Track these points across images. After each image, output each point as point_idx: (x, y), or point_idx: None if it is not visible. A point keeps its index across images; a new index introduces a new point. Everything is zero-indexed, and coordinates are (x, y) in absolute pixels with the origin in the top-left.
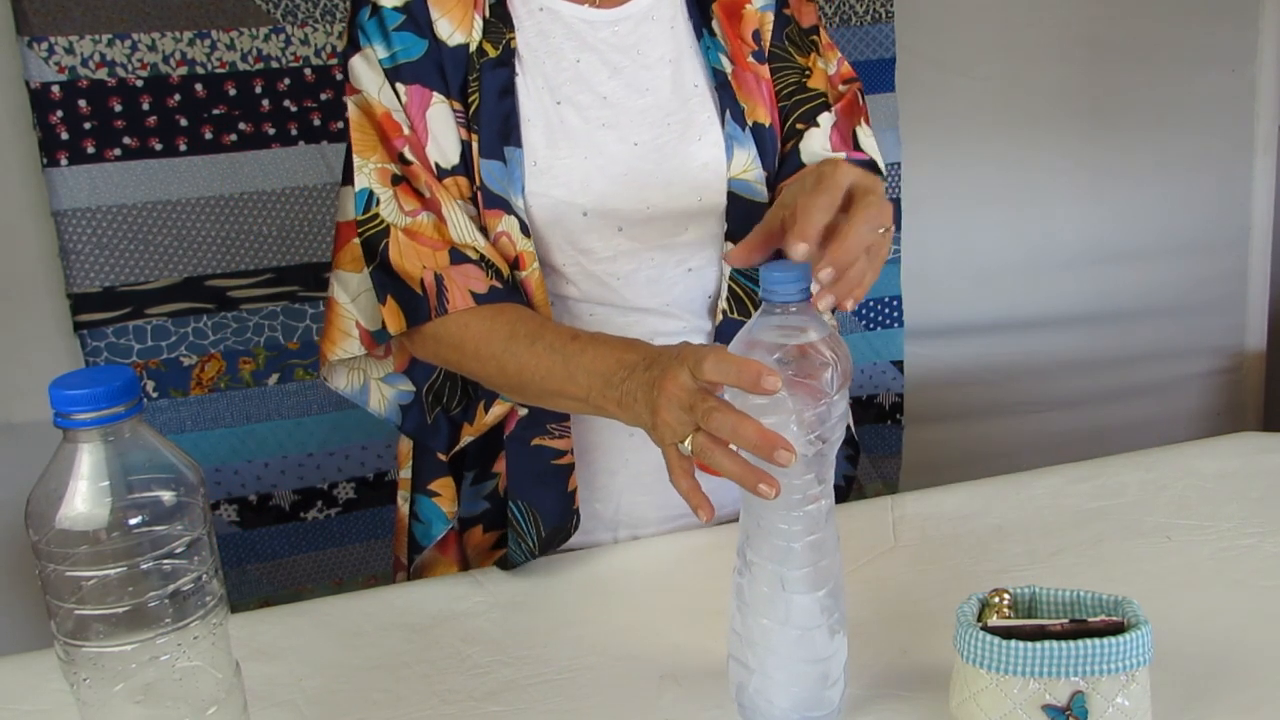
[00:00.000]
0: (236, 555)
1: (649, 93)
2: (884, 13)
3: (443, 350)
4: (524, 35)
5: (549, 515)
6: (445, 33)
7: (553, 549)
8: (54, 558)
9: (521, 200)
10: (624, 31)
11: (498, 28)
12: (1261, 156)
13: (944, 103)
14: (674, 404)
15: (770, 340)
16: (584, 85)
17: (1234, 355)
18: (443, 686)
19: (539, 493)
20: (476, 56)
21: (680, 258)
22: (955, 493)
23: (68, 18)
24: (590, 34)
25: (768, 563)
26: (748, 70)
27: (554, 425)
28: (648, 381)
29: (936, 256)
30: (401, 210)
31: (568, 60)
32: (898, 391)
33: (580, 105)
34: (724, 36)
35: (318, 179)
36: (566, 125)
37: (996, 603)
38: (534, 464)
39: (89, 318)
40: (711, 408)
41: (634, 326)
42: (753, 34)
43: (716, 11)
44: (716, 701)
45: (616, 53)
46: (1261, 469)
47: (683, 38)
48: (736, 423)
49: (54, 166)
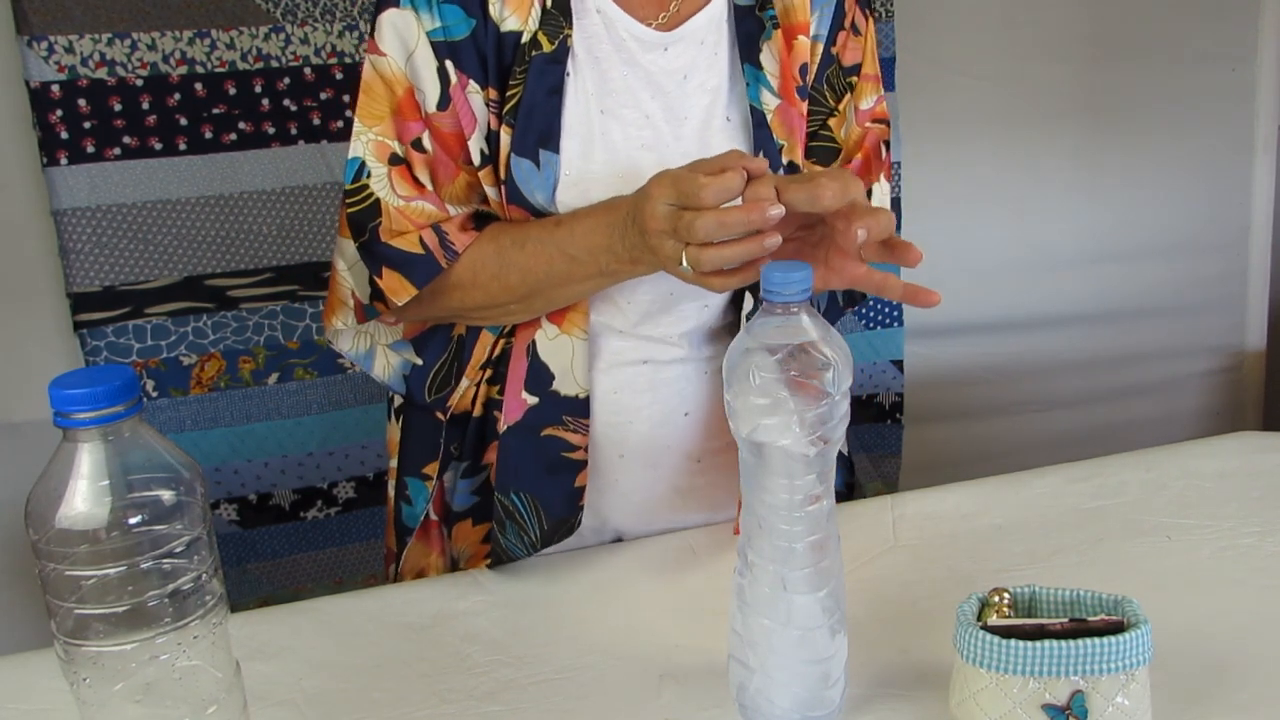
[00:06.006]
0: (236, 555)
1: (688, 121)
2: (884, 12)
3: (452, 299)
4: (580, 34)
5: (553, 506)
6: (500, 16)
7: (555, 543)
8: (54, 557)
9: (553, 209)
10: (672, 55)
11: (556, 20)
12: (1261, 156)
13: (944, 102)
14: (662, 236)
15: (770, 340)
16: (628, 100)
17: (1234, 355)
18: (443, 686)
19: (545, 483)
20: (529, 47)
21: (699, 291)
22: (955, 492)
23: (68, 17)
24: (640, 53)
25: (769, 563)
26: (794, 106)
27: (571, 419)
28: (637, 230)
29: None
30: (394, 191)
31: (616, 72)
32: (898, 391)
33: (624, 121)
34: (776, 69)
35: (318, 178)
36: (608, 138)
37: (996, 602)
38: (543, 454)
39: (89, 317)
40: (689, 221)
41: (631, 351)
42: (800, 67)
43: (779, 38)
44: (716, 701)
45: (663, 75)
46: (1261, 469)
47: (724, 67)
48: (717, 221)
49: (54, 166)
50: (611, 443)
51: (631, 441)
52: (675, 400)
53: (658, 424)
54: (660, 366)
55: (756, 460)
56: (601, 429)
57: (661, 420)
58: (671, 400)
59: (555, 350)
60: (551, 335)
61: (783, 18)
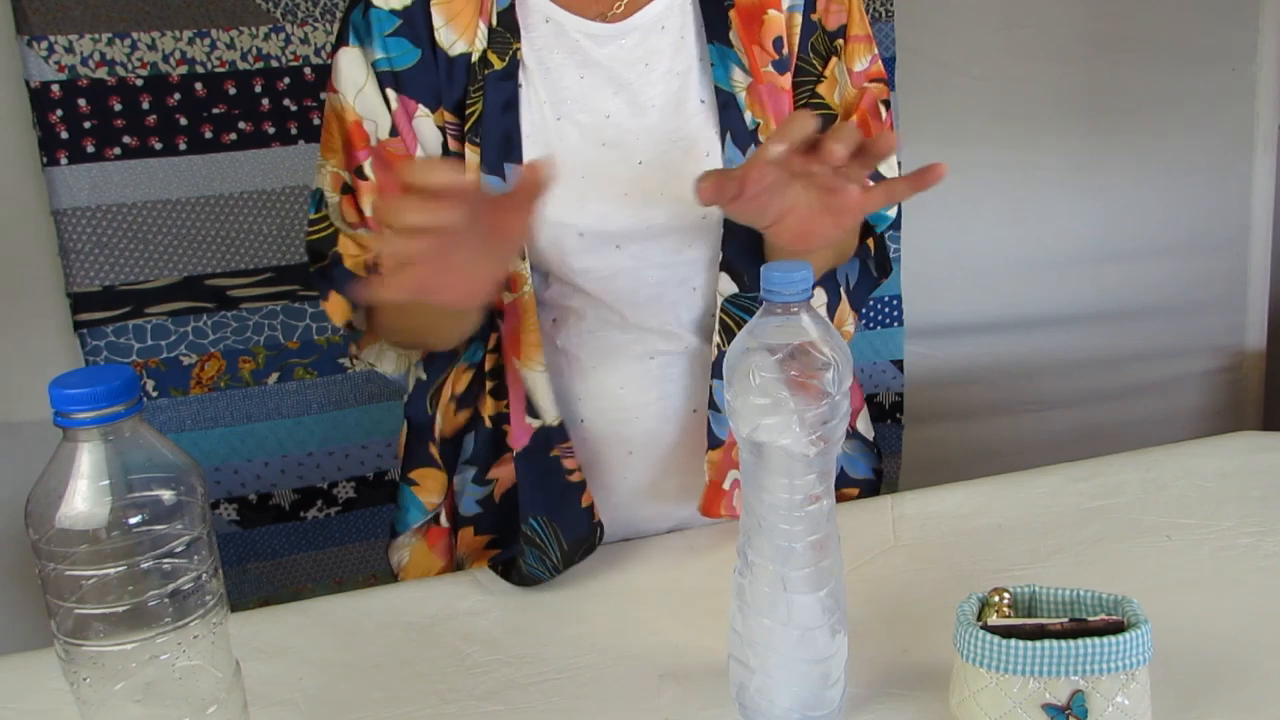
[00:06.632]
0: (236, 554)
1: (653, 109)
2: (884, 12)
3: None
4: (530, 45)
5: (571, 528)
6: (447, 41)
7: (576, 562)
8: (54, 557)
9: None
10: (630, 45)
11: (504, 37)
12: (1261, 156)
13: (944, 102)
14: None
15: (770, 340)
16: (586, 103)
17: (1234, 355)
18: (443, 686)
19: (559, 507)
20: (480, 67)
21: (683, 276)
22: (955, 492)
23: (67, 17)
24: (595, 50)
25: (769, 563)
26: (763, 82)
27: (560, 446)
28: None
29: (936, 256)
30: (344, 219)
31: (570, 76)
32: (898, 391)
33: (581, 124)
34: (741, 47)
35: None
36: (566, 143)
37: (996, 602)
38: (550, 479)
39: (89, 317)
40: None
41: (634, 344)
42: (774, 41)
43: (734, 19)
44: (716, 701)
45: (622, 67)
46: (1261, 469)
47: (691, 49)
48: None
49: (54, 166)
50: (620, 439)
51: (639, 439)
52: (682, 397)
53: (665, 420)
54: (666, 362)
55: (756, 460)
56: (609, 425)
57: (669, 417)
58: (678, 397)
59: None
60: (516, 368)
61: None
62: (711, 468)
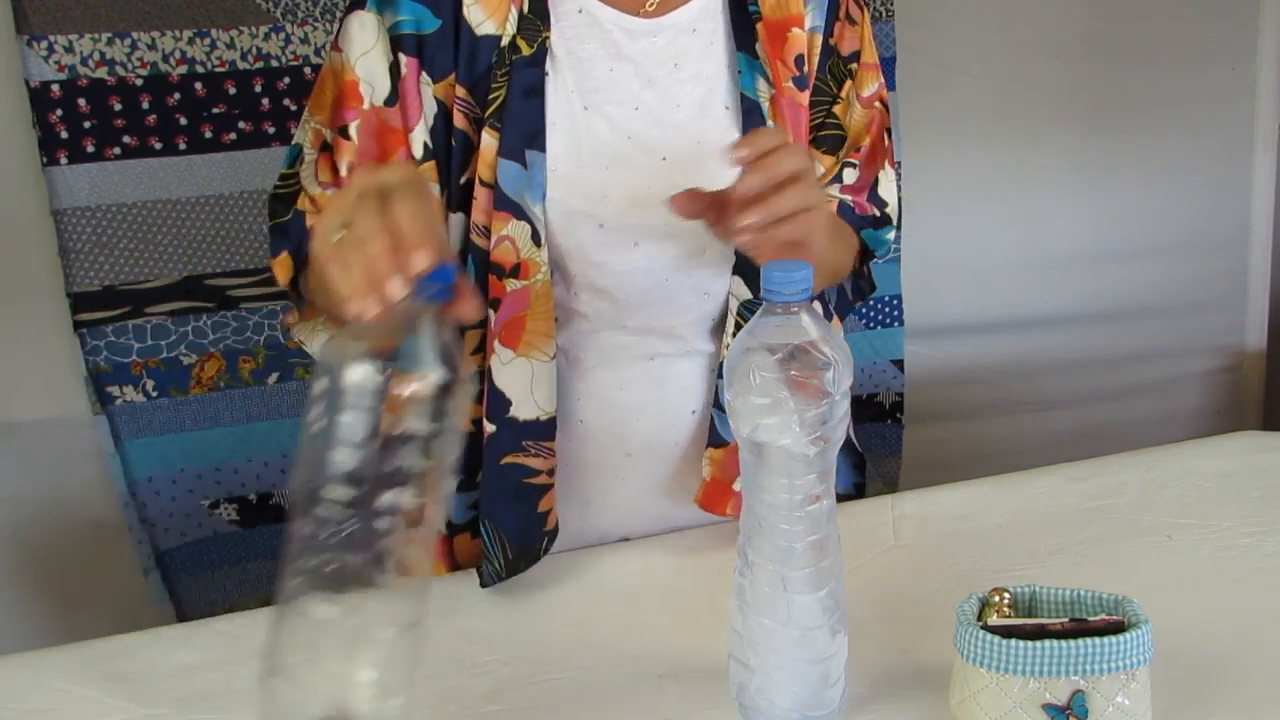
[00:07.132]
0: (236, 554)
1: (680, 109)
2: (884, 11)
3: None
4: (560, 35)
5: (514, 535)
6: (476, 20)
7: (520, 571)
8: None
9: (541, 207)
10: (662, 43)
11: (534, 24)
12: (1261, 156)
13: (944, 101)
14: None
15: (770, 340)
16: (615, 95)
17: (1234, 354)
18: (443, 686)
19: (506, 512)
20: (508, 51)
21: (696, 281)
22: (955, 492)
23: (67, 16)
24: (628, 43)
25: (769, 563)
26: (784, 96)
27: (532, 443)
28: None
29: (936, 255)
30: (315, 179)
31: (601, 68)
32: (898, 391)
33: (609, 115)
34: (765, 59)
35: None
36: (593, 133)
37: (996, 602)
38: (504, 482)
39: (89, 317)
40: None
41: (636, 345)
42: (796, 58)
43: (761, 32)
44: (716, 701)
45: (652, 65)
46: (1261, 469)
47: (720, 56)
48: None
49: (54, 165)
50: (619, 440)
51: (638, 440)
52: (681, 398)
53: (664, 422)
54: (666, 363)
55: (756, 460)
56: (608, 426)
57: (668, 418)
58: (677, 397)
59: (511, 375)
60: (506, 360)
61: (773, 10)
62: (715, 466)
